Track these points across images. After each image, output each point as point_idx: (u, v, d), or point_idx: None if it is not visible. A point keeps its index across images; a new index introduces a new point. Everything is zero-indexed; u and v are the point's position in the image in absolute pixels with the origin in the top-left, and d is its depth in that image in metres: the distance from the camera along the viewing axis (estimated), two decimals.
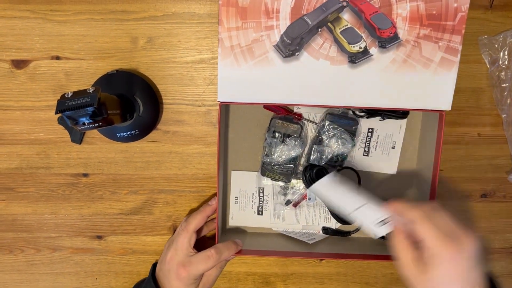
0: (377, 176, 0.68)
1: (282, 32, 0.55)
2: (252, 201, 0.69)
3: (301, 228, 0.69)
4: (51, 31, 0.63)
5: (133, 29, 0.63)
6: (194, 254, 0.61)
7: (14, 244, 0.71)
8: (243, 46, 0.55)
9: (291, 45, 0.55)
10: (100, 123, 0.50)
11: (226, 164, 0.68)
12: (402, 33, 0.54)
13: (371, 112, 0.64)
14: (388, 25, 0.54)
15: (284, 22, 0.54)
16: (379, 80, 0.56)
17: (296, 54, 0.55)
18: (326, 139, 0.63)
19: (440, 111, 0.57)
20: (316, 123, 0.66)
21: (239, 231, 0.70)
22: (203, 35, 0.63)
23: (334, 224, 0.69)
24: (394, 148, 0.67)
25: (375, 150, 0.67)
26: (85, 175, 0.68)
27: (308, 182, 0.64)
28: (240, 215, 0.70)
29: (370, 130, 0.66)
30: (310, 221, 0.69)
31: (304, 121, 0.65)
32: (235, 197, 0.69)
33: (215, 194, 0.67)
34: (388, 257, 0.62)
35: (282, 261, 0.72)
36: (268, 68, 0.56)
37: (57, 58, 0.64)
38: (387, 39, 0.55)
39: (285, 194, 0.68)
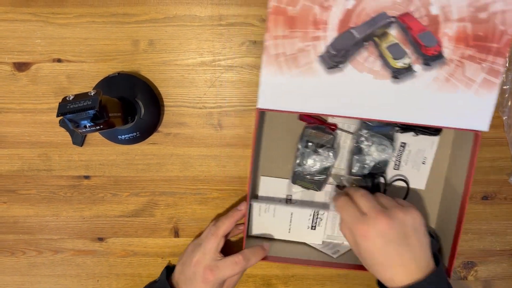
0: (405, 190, 0.68)
1: (328, 43, 0.55)
2: None
3: (325, 238, 0.69)
4: (52, 34, 0.63)
5: (134, 31, 0.63)
6: (221, 258, 0.61)
7: (16, 246, 0.72)
8: (288, 54, 0.55)
9: (336, 56, 0.55)
10: (101, 126, 0.51)
11: (256, 169, 0.68)
12: (447, 52, 0.54)
13: (404, 127, 0.64)
14: (434, 44, 0.54)
15: (331, 33, 0.54)
16: (420, 97, 0.56)
17: (340, 66, 0.55)
18: (366, 148, 0.63)
19: (476, 131, 0.57)
20: (351, 133, 0.66)
21: (264, 237, 0.69)
22: (204, 37, 0.63)
23: None
24: (424, 163, 0.67)
25: (406, 165, 0.67)
26: (87, 177, 0.69)
27: (373, 188, 0.65)
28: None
29: (402, 145, 0.66)
30: (335, 231, 0.69)
31: (338, 131, 0.65)
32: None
33: (244, 199, 0.67)
34: None
35: (283, 264, 0.72)
36: (311, 78, 0.55)
37: (59, 60, 0.64)
38: (432, 57, 0.54)
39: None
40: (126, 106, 0.59)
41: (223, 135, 0.67)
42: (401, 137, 0.66)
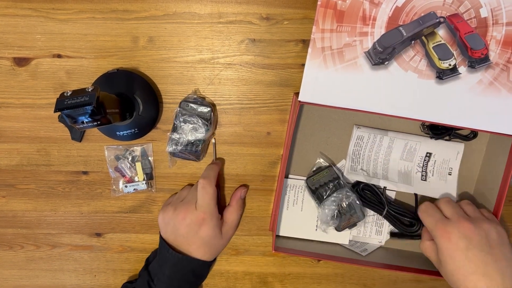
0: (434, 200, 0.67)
1: (375, 40, 0.55)
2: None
3: (351, 238, 0.69)
4: (53, 30, 0.63)
5: (134, 28, 0.63)
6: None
7: (14, 240, 0.72)
8: (334, 49, 0.55)
9: (382, 53, 0.55)
10: (99, 122, 0.51)
11: (289, 166, 0.67)
12: (493, 55, 0.54)
13: (437, 133, 0.64)
14: (481, 46, 0.54)
15: (379, 30, 0.55)
16: (463, 99, 0.56)
17: (386, 63, 0.55)
18: (179, 125, 0.63)
19: None
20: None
21: (289, 238, 0.69)
22: (204, 35, 0.63)
23: (385, 237, 0.70)
24: (450, 174, 0.67)
25: (432, 175, 0.67)
26: (85, 172, 0.69)
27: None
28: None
29: (427, 155, 0.66)
30: (361, 232, 0.70)
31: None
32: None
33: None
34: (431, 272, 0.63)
35: (279, 261, 0.73)
36: (355, 73, 0.56)
37: (59, 56, 0.64)
38: (478, 60, 0.55)
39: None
40: (124, 102, 0.60)
41: (221, 133, 0.67)
42: (425, 147, 0.66)
